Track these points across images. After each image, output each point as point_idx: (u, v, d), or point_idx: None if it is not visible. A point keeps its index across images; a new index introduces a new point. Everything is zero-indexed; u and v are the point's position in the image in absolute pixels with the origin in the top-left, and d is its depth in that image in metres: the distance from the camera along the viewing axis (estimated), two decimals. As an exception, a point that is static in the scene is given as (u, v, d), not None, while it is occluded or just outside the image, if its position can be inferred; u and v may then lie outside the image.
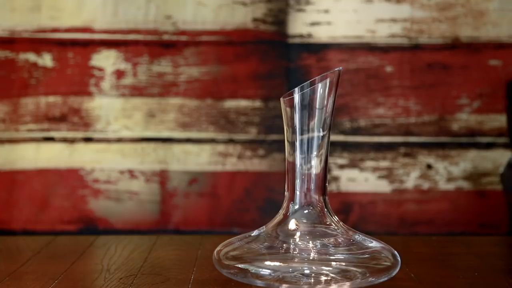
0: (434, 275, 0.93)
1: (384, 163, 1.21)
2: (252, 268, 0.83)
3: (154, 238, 1.13)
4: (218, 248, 0.87)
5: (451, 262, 1.02)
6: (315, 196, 0.86)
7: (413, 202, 1.21)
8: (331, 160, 1.20)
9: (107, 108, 1.21)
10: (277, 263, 0.83)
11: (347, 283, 0.82)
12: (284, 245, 0.85)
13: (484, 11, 1.20)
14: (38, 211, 1.21)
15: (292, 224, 0.86)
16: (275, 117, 1.21)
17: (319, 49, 1.21)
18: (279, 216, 0.87)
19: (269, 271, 0.83)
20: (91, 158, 1.21)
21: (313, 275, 0.83)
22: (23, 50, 1.21)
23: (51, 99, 1.21)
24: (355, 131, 1.21)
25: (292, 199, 0.86)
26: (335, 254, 0.84)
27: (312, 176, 0.86)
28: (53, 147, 1.21)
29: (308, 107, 0.84)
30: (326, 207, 0.87)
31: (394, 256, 0.85)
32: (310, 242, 0.85)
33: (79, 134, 1.21)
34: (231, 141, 1.21)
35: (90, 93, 1.21)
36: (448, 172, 1.21)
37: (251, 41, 1.21)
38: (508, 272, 0.96)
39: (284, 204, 0.87)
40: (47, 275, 0.92)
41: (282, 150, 1.11)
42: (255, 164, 1.21)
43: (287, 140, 0.86)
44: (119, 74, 1.21)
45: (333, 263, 0.83)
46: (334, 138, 1.21)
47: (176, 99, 1.21)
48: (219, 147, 1.21)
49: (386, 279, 0.84)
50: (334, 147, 1.21)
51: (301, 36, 1.21)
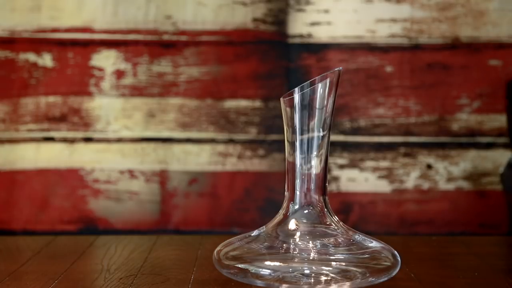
0: (434, 275, 0.93)
1: (384, 163, 1.21)
2: (252, 268, 0.83)
3: (154, 238, 1.13)
4: (218, 248, 0.87)
5: (451, 262, 1.02)
6: (315, 196, 0.86)
7: (413, 202, 1.21)
8: (331, 160, 1.20)
9: (107, 108, 1.21)
10: (277, 263, 0.83)
11: (347, 283, 0.82)
12: (284, 245, 0.85)
13: (484, 11, 1.20)
14: (38, 211, 1.21)
15: (292, 224, 0.86)
16: (275, 117, 1.21)
17: (319, 49, 1.21)
18: (279, 216, 0.87)
19: (269, 271, 0.83)
20: (91, 158, 1.21)
21: (313, 275, 0.82)
22: (23, 50, 1.21)
23: (51, 99, 1.21)
24: (355, 131, 1.21)
25: (292, 199, 0.86)
26: (335, 254, 0.84)
27: (312, 176, 0.86)
28: (53, 147, 1.21)
29: (308, 107, 0.84)
30: (326, 207, 0.86)
31: (394, 256, 0.85)
32: (310, 242, 0.85)
33: (79, 134, 1.21)
34: (231, 141, 1.21)
35: (90, 93, 1.21)
36: (448, 172, 1.21)
37: (251, 41, 1.21)
38: (508, 272, 0.96)
39: (284, 204, 0.87)
40: (47, 275, 0.92)
41: (282, 150, 1.11)
42: (255, 164, 1.21)
43: (287, 140, 0.86)
44: (119, 74, 1.21)
45: (333, 263, 0.83)
46: (334, 138, 1.20)
47: (176, 99, 1.21)
48: (219, 147, 1.21)
49: (386, 279, 0.84)
50: (334, 147, 1.21)
51: (301, 36, 1.21)
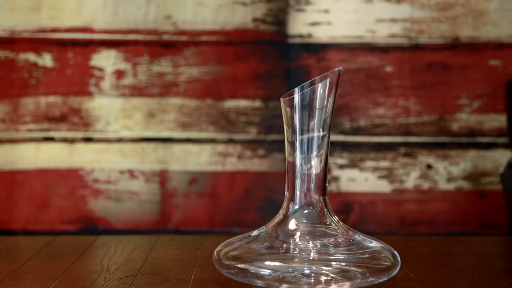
0: (434, 275, 0.93)
1: (384, 163, 1.21)
2: (252, 268, 0.83)
3: (154, 238, 1.13)
4: (218, 248, 0.87)
5: (451, 262, 1.02)
6: (315, 196, 0.86)
7: (413, 202, 1.21)
8: (331, 160, 1.20)
9: (107, 108, 1.21)
10: (277, 263, 0.83)
11: (347, 283, 0.82)
12: (284, 245, 0.85)
13: (484, 11, 1.20)
14: (38, 211, 1.21)
15: (292, 224, 0.86)
16: (275, 117, 1.21)
17: (319, 49, 1.21)
18: (279, 216, 0.87)
19: (269, 271, 0.82)
20: (91, 158, 1.21)
21: (313, 275, 0.82)
22: (23, 50, 1.21)
23: (51, 99, 1.21)
24: (355, 131, 1.21)
25: (292, 199, 0.86)
26: (335, 254, 0.84)
27: (312, 176, 0.86)
28: (53, 147, 1.21)
29: (308, 107, 0.84)
30: (326, 207, 0.86)
31: (394, 256, 0.85)
32: (310, 242, 0.85)
33: (79, 134, 1.21)
34: (231, 141, 1.21)
35: (90, 93, 1.21)
36: (448, 172, 1.21)
37: (251, 41, 1.21)
38: (508, 272, 0.96)
39: (284, 204, 0.87)
40: (47, 275, 0.92)
41: (282, 150, 1.11)
42: (255, 164, 1.21)
43: (287, 140, 0.86)
44: (119, 74, 1.21)
45: (333, 263, 0.83)
46: (334, 138, 1.20)
47: (176, 99, 1.21)
48: (219, 147, 1.21)
49: (386, 279, 0.84)
50: (334, 147, 1.21)
51: (301, 36, 1.21)
